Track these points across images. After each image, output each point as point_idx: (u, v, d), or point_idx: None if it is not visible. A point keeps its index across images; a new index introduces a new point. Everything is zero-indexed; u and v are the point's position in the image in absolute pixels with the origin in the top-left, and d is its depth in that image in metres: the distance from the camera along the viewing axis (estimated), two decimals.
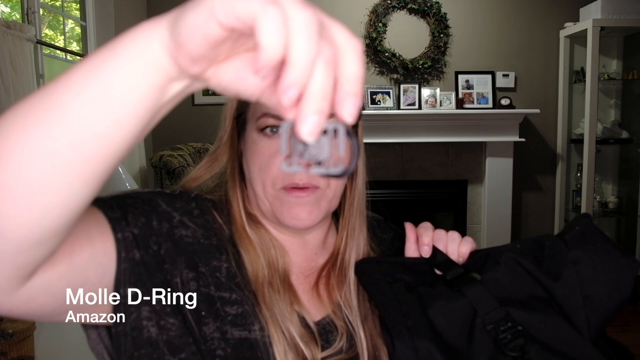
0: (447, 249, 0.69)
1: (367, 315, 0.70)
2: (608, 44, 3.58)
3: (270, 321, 0.61)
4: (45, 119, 0.36)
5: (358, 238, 0.73)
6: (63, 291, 0.48)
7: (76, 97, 0.36)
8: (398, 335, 0.58)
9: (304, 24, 0.29)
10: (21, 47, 1.95)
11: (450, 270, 0.64)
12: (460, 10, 3.57)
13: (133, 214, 0.57)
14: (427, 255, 0.69)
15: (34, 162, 0.36)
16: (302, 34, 0.29)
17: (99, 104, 0.35)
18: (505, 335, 0.56)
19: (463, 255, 0.68)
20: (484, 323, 0.57)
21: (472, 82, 3.55)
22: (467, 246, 0.69)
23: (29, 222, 0.37)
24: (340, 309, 0.70)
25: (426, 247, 0.69)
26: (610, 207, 3.67)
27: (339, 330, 0.68)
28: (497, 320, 0.57)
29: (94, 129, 0.36)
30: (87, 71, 0.36)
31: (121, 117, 0.36)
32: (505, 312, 0.57)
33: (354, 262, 0.72)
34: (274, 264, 0.68)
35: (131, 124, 0.36)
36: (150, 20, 0.36)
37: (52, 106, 0.36)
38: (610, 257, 0.58)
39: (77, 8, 2.93)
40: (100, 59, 0.36)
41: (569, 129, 3.69)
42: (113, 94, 0.35)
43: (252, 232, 0.68)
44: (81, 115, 0.35)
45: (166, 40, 0.34)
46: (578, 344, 0.55)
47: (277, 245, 0.70)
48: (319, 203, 0.67)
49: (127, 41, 0.36)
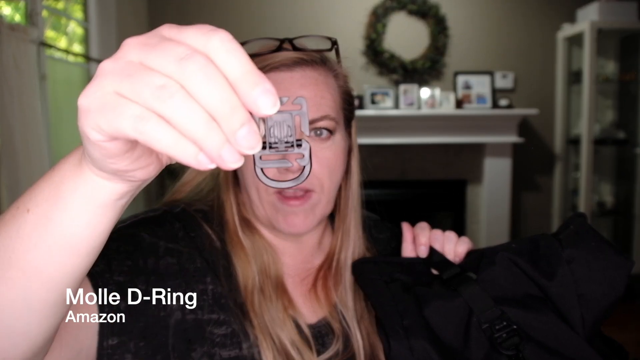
0: (443, 249, 0.69)
1: (363, 314, 0.70)
2: (605, 46, 3.60)
3: (259, 330, 0.61)
4: (4, 275, 0.37)
5: (354, 238, 0.73)
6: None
7: (33, 250, 0.37)
8: (394, 335, 0.59)
9: (165, 96, 0.27)
10: (25, 49, 1.97)
11: (447, 269, 0.65)
12: (459, 11, 3.59)
13: (117, 260, 0.57)
14: (423, 255, 0.69)
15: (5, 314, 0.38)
16: (175, 109, 0.27)
17: (61, 252, 0.37)
18: (500, 334, 0.56)
19: (459, 255, 0.69)
20: (480, 322, 0.58)
21: (471, 82, 3.57)
22: (464, 246, 0.69)
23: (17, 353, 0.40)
24: (336, 310, 0.70)
25: (423, 247, 0.70)
26: (608, 207, 3.70)
27: (335, 333, 0.67)
28: (493, 319, 0.58)
29: (59, 272, 0.38)
30: (36, 223, 0.37)
31: (87, 247, 0.38)
32: (501, 311, 0.58)
33: (351, 262, 0.71)
34: (266, 270, 0.67)
35: (98, 242, 0.38)
36: (68, 164, 0.36)
37: (8, 262, 0.37)
38: (604, 256, 0.59)
39: (80, 9, 2.94)
40: (45, 204, 0.36)
41: (567, 129, 3.72)
42: (72, 241, 0.37)
43: (245, 237, 0.68)
44: (42, 265, 0.37)
45: (94, 175, 0.35)
46: (572, 342, 0.56)
47: (270, 251, 0.69)
48: (313, 210, 0.66)
49: (65, 188, 0.36)
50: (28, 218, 0.37)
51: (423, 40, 3.60)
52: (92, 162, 0.34)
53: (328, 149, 0.65)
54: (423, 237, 0.70)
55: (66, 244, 0.37)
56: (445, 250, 0.69)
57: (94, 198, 0.36)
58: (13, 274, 0.37)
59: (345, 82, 0.70)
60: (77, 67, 2.80)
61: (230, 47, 0.28)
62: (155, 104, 0.27)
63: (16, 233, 0.37)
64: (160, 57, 0.27)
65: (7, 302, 0.38)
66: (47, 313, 0.40)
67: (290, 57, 0.64)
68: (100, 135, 0.29)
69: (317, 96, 0.64)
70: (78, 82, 2.81)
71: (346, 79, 0.70)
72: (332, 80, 0.68)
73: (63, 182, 0.36)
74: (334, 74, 0.68)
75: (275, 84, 0.63)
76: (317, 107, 0.64)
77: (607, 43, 3.61)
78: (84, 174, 0.35)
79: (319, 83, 0.65)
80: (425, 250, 0.70)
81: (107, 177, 0.35)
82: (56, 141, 2.45)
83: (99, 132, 0.29)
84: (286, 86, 0.64)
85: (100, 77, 0.29)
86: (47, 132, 2.22)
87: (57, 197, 0.36)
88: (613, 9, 3.34)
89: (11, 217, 0.38)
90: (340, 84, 0.69)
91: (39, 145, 1.98)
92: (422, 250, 0.70)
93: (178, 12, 3.51)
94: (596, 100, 3.44)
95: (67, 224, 0.36)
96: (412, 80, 3.56)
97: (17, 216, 0.37)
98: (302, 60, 0.65)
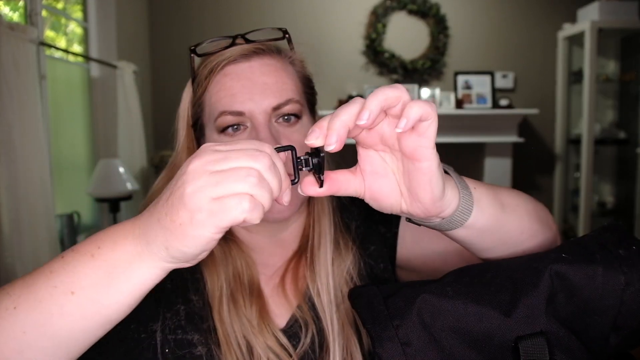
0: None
1: (339, 304, 0.67)
2: (606, 45, 3.60)
3: (224, 340, 0.61)
4: (36, 345, 0.41)
5: (327, 221, 0.70)
6: None
7: (72, 326, 0.41)
8: (384, 335, 0.52)
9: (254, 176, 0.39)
10: (24, 49, 1.97)
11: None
12: (459, 11, 3.59)
13: None
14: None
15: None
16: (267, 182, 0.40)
17: (98, 327, 0.42)
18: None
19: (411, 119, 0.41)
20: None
21: (471, 82, 3.57)
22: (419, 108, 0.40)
23: None
24: (305, 299, 0.68)
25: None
26: (608, 207, 3.70)
27: (304, 327, 0.66)
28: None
29: (89, 341, 0.44)
30: (81, 305, 0.41)
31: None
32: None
33: (327, 247, 0.69)
34: (239, 276, 0.67)
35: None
36: (127, 250, 0.41)
37: (43, 334, 0.41)
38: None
39: (79, 9, 2.94)
40: (92, 289, 0.41)
41: (567, 129, 3.71)
42: (112, 317, 0.42)
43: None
44: (77, 338, 0.42)
45: (160, 266, 0.41)
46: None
47: (243, 256, 0.68)
48: (296, 193, 0.64)
49: (120, 276, 0.41)
50: (73, 299, 0.40)
51: (423, 40, 3.59)
52: (176, 256, 0.40)
53: (297, 132, 0.66)
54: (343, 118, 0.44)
55: (105, 322, 0.41)
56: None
57: (149, 283, 0.41)
58: (46, 344, 0.41)
59: (303, 67, 0.71)
60: (76, 67, 2.80)
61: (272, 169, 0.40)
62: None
63: (58, 311, 0.40)
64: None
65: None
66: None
67: (247, 47, 0.65)
68: (218, 233, 0.38)
69: (278, 82, 0.65)
70: (78, 82, 2.80)
71: (303, 64, 0.71)
72: (289, 66, 0.68)
73: (117, 271, 0.40)
74: (290, 60, 0.69)
75: (235, 75, 0.64)
76: (280, 92, 0.64)
77: (608, 43, 3.61)
78: (145, 264, 0.40)
79: (278, 69, 0.66)
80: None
81: (176, 265, 0.41)
82: (56, 141, 2.45)
83: (218, 232, 0.38)
84: (247, 75, 0.64)
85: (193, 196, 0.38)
86: (47, 132, 2.21)
87: (108, 284, 0.40)
88: (614, 8, 3.34)
89: (49, 296, 0.40)
90: (297, 69, 0.70)
91: (39, 145, 1.98)
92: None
93: (178, 12, 3.51)
94: (596, 100, 3.44)
95: (113, 306, 0.41)
96: (412, 80, 3.56)
97: (57, 296, 0.40)
98: (259, 50, 0.66)
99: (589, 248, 0.54)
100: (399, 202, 0.47)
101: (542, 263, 0.53)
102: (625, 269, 0.51)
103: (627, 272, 0.51)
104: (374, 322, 0.52)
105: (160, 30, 3.52)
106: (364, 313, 0.54)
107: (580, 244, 0.55)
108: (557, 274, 0.51)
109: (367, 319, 0.53)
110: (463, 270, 0.57)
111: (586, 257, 0.52)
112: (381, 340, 0.51)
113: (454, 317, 0.51)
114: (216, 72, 0.65)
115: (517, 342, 0.50)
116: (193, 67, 0.68)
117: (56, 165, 2.42)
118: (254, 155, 0.39)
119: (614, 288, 0.50)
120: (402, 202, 0.47)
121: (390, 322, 0.52)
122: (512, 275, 0.53)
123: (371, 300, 0.55)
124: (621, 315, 0.51)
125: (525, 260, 0.55)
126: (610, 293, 0.50)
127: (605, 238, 0.55)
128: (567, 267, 0.52)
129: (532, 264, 0.53)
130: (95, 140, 2.92)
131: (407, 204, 0.47)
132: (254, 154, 0.39)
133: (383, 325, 0.52)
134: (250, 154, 0.39)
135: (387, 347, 0.50)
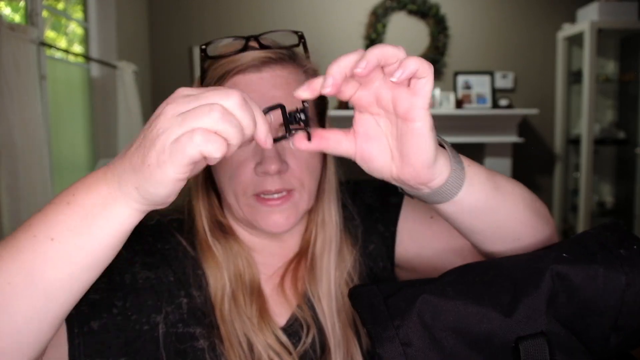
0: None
1: (340, 306, 0.67)
2: (605, 46, 3.60)
3: (227, 338, 0.61)
4: (25, 294, 0.41)
5: (330, 228, 0.70)
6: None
7: (58, 273, 0.41)
8: (384, 335, 0.52)
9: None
10: (25, 49, 1.97)
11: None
12: (459, 11, 3.59)
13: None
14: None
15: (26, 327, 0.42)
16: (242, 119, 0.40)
17: (83, 273, 0.42)
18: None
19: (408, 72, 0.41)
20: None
21: (471, 82, 3.57)
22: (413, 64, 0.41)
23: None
24: (305, 301, 0.68)
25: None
26: (608, 207, 3.70)
27: (305, 326, 0.66)
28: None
29: (77, 289, 0.43)
30: (63, 251, 0.41)
31: (107, 256, 0.44)
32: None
33: (328, 253, 0.68)
34: (241, 275, 0.66)
35: (113, 257, 0.44)
36: (98, 189, 0.41)
37: (31, 284, 0.41)
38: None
39: (80, 10, 2.94)
40: (71, 234, 0.41)
41: (567, 129, 3.72)
42: (95, 263, 0.42)
43: (216, 243, 0.67)
44: (64, 285, 0.42)
45: (135, 207, 0.41)
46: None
47: (245, 255, 0.68)
48: (296, 207, 0.65)
49: (93, 216, 0.41)
50: (54, 246, 0.40)
51: (423, 40, 3.60)
52: (147, 197, 0.40)
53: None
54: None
55: (90, 266, 0.41)
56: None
57: (126, 225, 0.41)
58: (34, 293, 0.40)
59: (315, 76, 0.69)
60: (77, 67, 2.80)
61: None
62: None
63: (41, 258, 0.40)
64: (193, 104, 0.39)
65: (24, 319, 0.41)
66: (56, 325, 0.43)
67: (258, 57, 0.62)
68: (182, 173, 0.38)
69: (289, 95, 0.61)
70: (78, 82, 2.81)
71: (316, 73, 0.68)
72: (302, 77, 0.66)
73: (93, 213, 0.40)
74: (303, 69, 0.66)
75: (245, 87, 0.62)
76: (291, 106, 0.63)
77: (607, 43, 3.61)
78: (119, 205, 0.40)
79: (290, 82, 0.63)
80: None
81: (149, 207, 0.41)
82: (56, 141, 2.45)
83: (182, 172, 0.38)
84: (256, 88, 0.62)
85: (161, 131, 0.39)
86: (47, 132, 2.22)
87: (86, 227, 0.40)
88: (613, 9, 3.34)
89: (29, 245, 0.41)
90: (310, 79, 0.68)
91: (39, 145, 1.98)
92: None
93: (178, 12, 3.51)
94: (596, 100, 3.44)
95: (96, 250, 0.41)
96: None
97: (38, 244, 0.40)
98: (270, 60, 0.63)
99: (589, 248, 0.53)
100: (389, 165, 0.48)
101: (543, 263, 0.52)
102: (626, 269, 0.51)
103: (629, 273, 0.50)
104: (374, 323, 0.52)
105: (160, 30, 3.52)
106: (364, 313, 0.54)
107: (580, 243, 0.55)
108: (558, 275, 0.51)
109: (368, 319, 0.53)
110: (464, 269, 0.56)
111: (587, 257, 0.52)
112: (382, 341, 0.51)
113: (455, 317, 0.51)
114: (225, 80, 0.63)
115: (518, 343, 0.50)
116: (203, 66, 0.66)
117: (56, 165, 2.42)
118: (223, 93, 0.39)
119: (615, 288, 0.50)
120: (393, 166, 0.48)
121: (390, 323, 0.52)
122: (513, 275, 0.53)
123: (371, 300, 0.54)
124: (622, 315, 0.51)
125: (526, 260, 0.55)
126: (611, 293, 0.50)
127: (606, 237, 0.55)
128: (568, 267, 0.51)
129: (533, 264, 0.53)
130: (95, 140, 2.92)
131: (398, 168, 0.47)
132: (223, 92, 0.39)
133: (384, 325, 0.52)
134: (220, 93, 0.39)
135: (387, 348, 0.50)
